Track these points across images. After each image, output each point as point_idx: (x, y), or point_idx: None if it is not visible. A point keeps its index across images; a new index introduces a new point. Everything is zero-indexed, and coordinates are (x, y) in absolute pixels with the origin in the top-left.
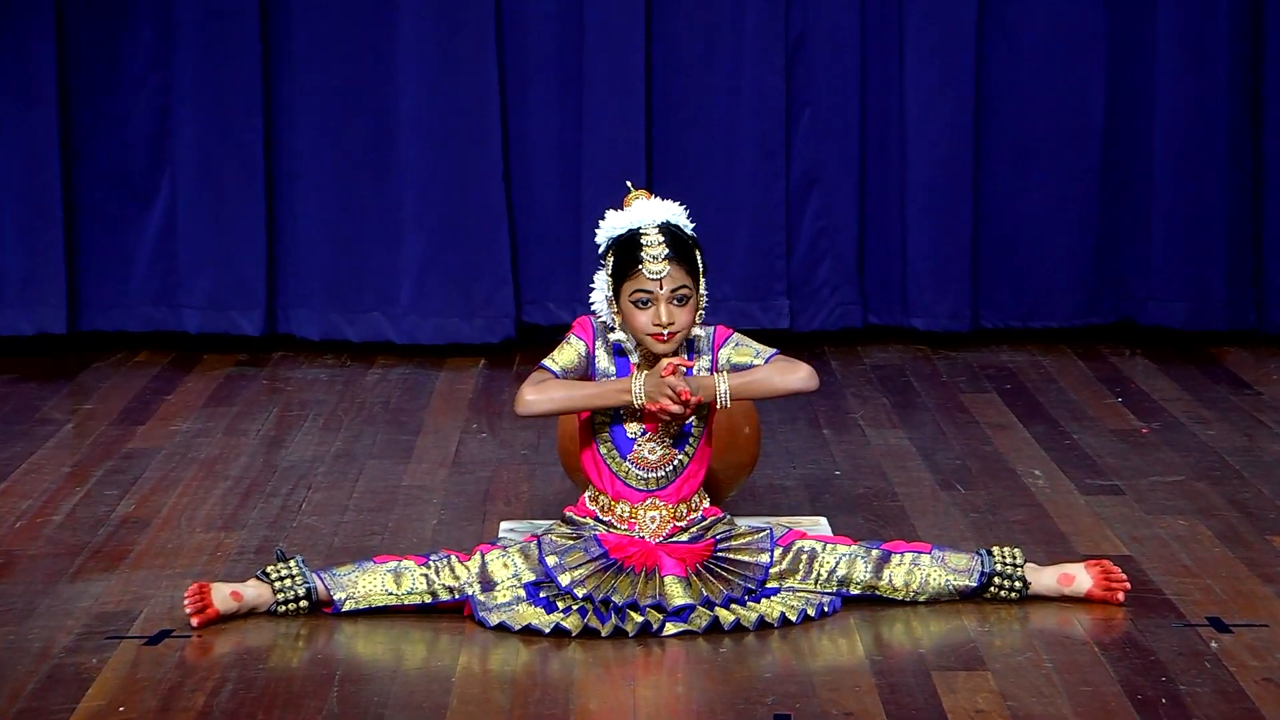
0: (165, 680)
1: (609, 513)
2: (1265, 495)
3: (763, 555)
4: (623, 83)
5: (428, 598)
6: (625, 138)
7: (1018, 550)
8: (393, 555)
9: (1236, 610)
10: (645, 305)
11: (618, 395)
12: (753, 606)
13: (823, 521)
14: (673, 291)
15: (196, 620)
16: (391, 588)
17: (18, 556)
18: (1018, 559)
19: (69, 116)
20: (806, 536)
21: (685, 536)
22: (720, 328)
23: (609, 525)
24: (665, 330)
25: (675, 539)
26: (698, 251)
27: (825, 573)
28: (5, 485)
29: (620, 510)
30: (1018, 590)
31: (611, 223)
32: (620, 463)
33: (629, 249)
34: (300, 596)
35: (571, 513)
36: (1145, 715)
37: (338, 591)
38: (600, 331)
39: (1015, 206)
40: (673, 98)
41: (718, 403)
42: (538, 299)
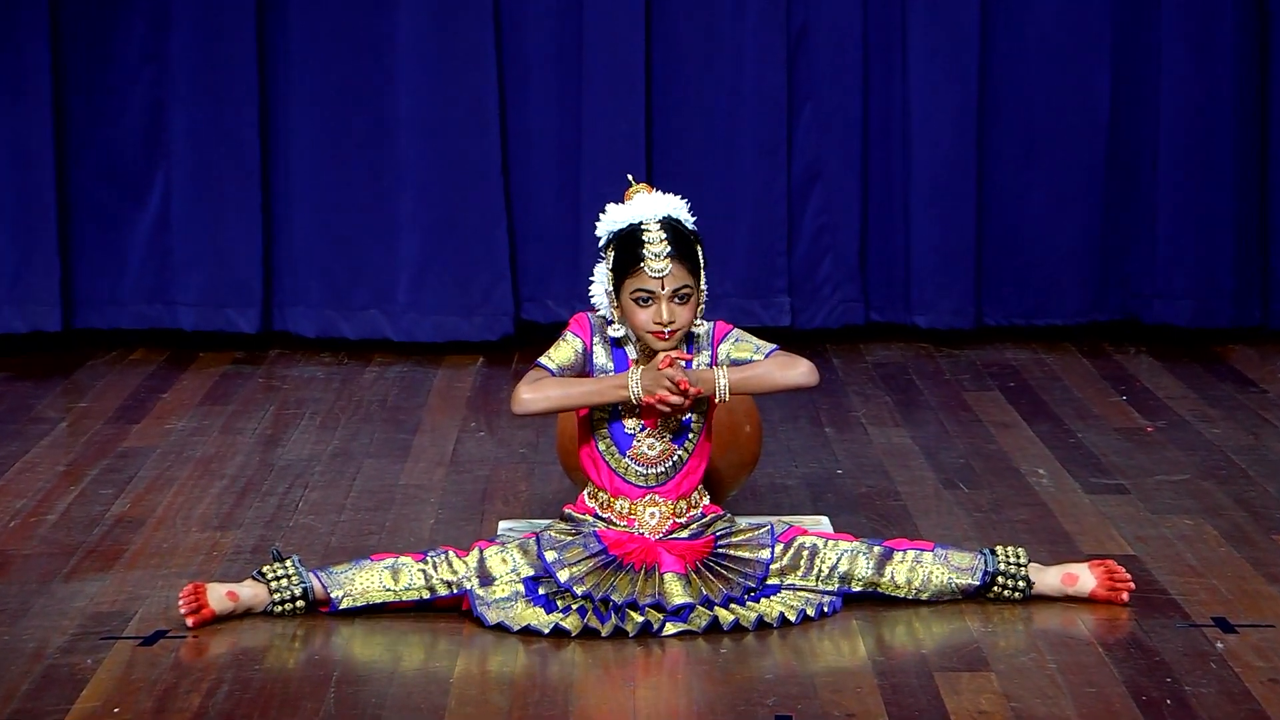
0: (160, 681)
1: (608, 509)
2: (1271, 494)
3: (763, 551)
4: (622, 78)
5: (425, 593)
6: (625, 134)
7: (1021, 550)
8: (390, 553)
9: (1242, 610)
10: (646, 304)
11: (615, 391)
12: (752, 606)
13: (824, 521)
14: (674, 291)
15: (192, 621)
16: (389, 584)
17: (12, 556)
18: (1021, 558)
19: (62, 111)
20: (807, 533)
21: (685, 533)
22: (720, 323)
23: (608, 522)
24: (666, 329)
25: (675, 535)
26: (699, 247)
27: (827, 569)
28: None
29: (619, 507)
30: (1021, 590)
31: (612, 216)
32: (619, 459)
33: (630, 245)
34: (296, 597)
35: (571, 510)
36: (1150, 716)
37: (335, 590)
38: (598, 328)
39: (1019, 203)
40: (673, 93)
41: (716, 396)
42: (537, 296)
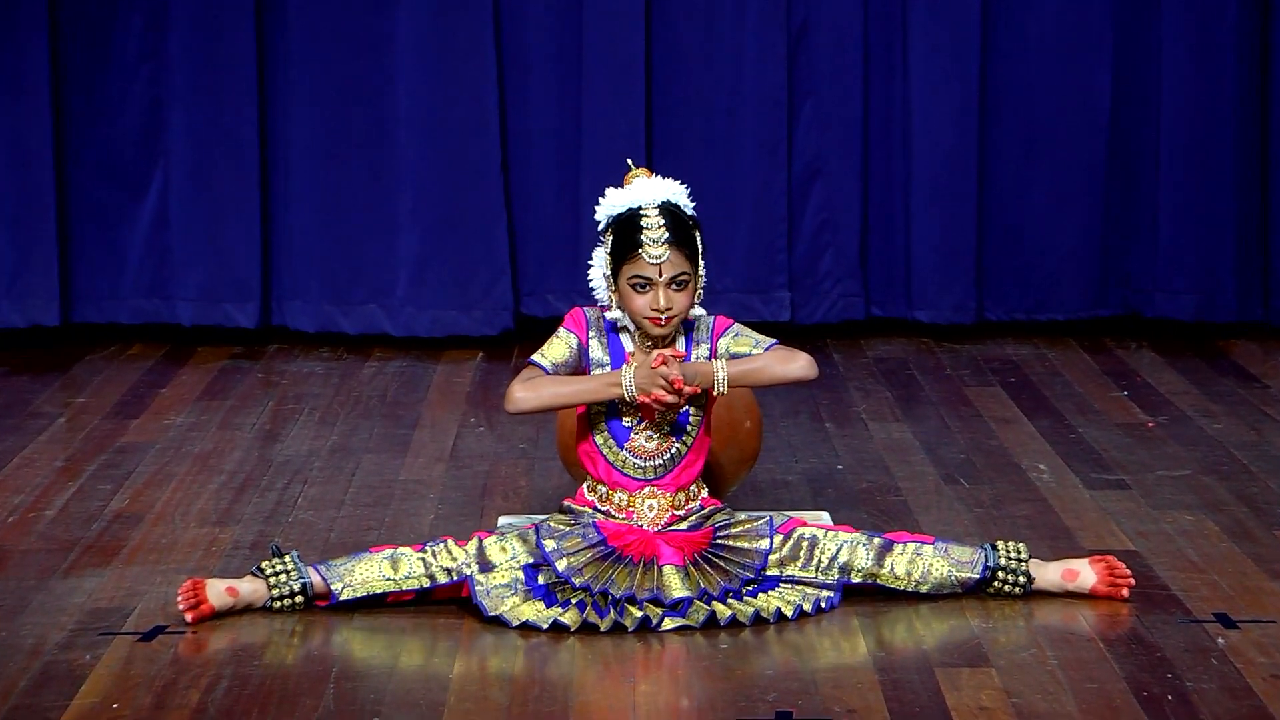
0: (159, 677)
1: (607, 502)
2: (1273, 490)
3: (762, 542)
4: (622, 74)
5: (425, 581)
6: (625, 129)
7: (1022, 545)
8: (389, 545)
9: (1244, 606)
10: (643, 290)
11: (608, 389)
12: (749, 601)
13: (825, 516)
14: (672, 278)
15: (191, 616)
16: (389, 573)
17: (10, 552)
18: (1022, 554)
19: (61, 108)
20: (807, 524)
21: (684, 525)
22: (720, 318)
23: (607, 514)
24: (663, 315)
25: (674, 528)
26: (697, 233)
27: (826, 559)
28: None
29: (618, 499)
30: (1021, 585)
31: (611, 200)
32: (617, 452)
33: (628, 231)
34: (295, 592)
35: (570, 503)
36: (1151, 712)
37: (335, 582)
38: (593, 323)
39: (1020, 198)
40: (673, 89)
41: (715, 389)
42: (536, 291)
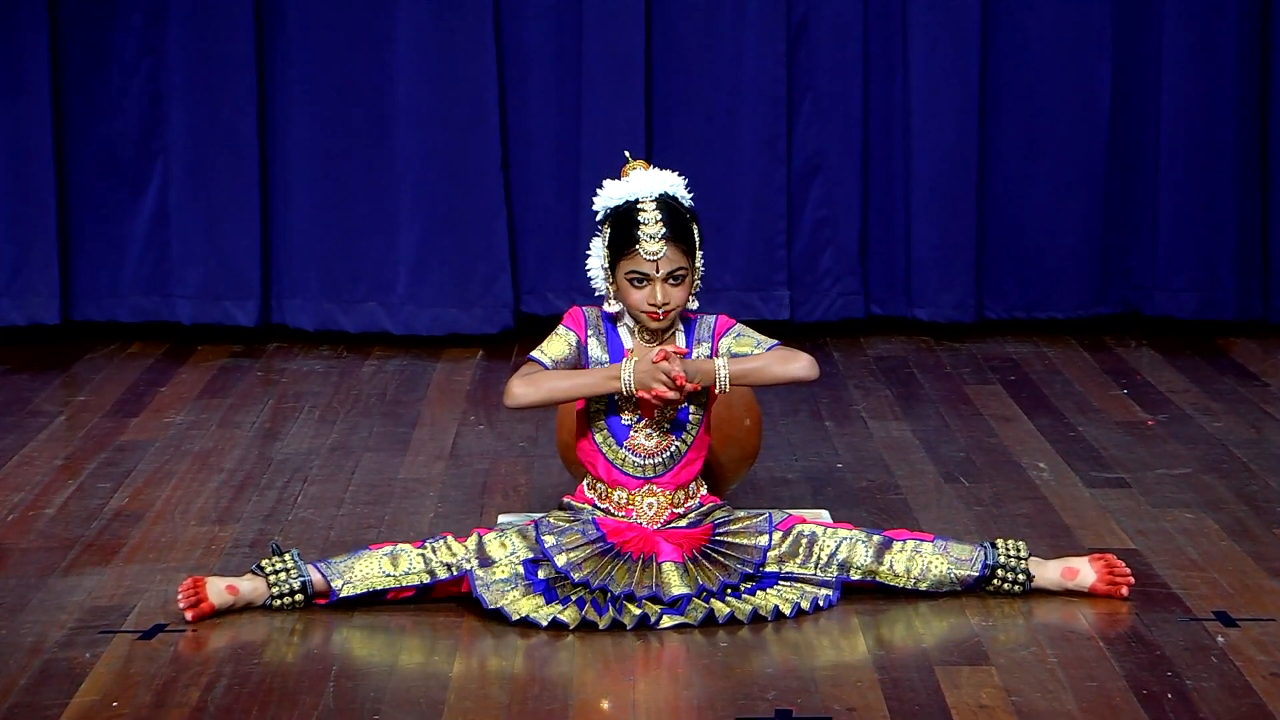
0: (159, 675)
1: (606, 499)
2: (1273, 488)
3: (761, 538)
4: (622, 70)
5: (426, 577)
6: (624, 125)
7: (1022, 543)
8: (388, 542)
9: (1243, 605)
10: (640, 285)
11: (608, 383)
12: (747, 599)
13: (824, 514)
14: (669, 273)
15: (191, 615)
16: (389, 569)
17: (9, 550)
18: (1021, 552)
19: (60, 104)
20: (807, 521)
21: (683, 523)
22: (722, 317)
23: (607, 512)
24: (660, 310)
25: (673, 525)
26: (695, 225)
27: (825, 556)
28: None
29: (617, 497)
30: (1021, 583)
31: (609, 192)
32: (616, 450)
33: (625, 226)
34: (295, 590)
35: (570, 500)
36: (1151, 710)
37: (335, 579)
38: (592, 322)
39: (1021, 196)
40: (672, 85)
41: (717, 386)
42: (536, 289)
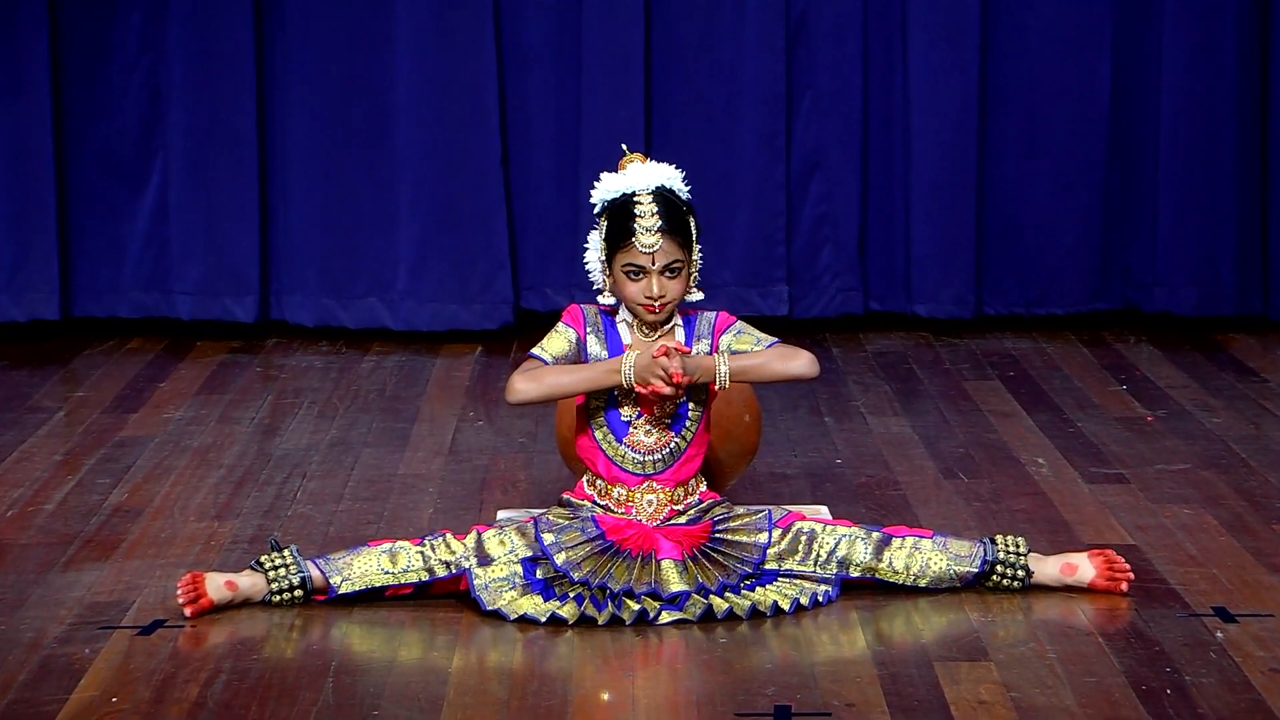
0: (158, 671)
1: (606, 496)
2: (1272, 484)
3: (760, 536)
4: (621, 66)
5: (424, 575)
6: (624, 123)
7: (1021, 539)
8: (387, 539)
9: (1242, 600)
10: (636, 277)
11: (608, 376)
12: (746, 594)
13: (824, 510)
14: (665, 266)
15: (190, 610)
16: (388, 566)
17: (9, 546)
18: (1021, 548)
19: (60, 101)
20: (806, 518)
21: (683, 519)
22: (723, 314)
23: (606, 509)
24: (656, 303)
25: (672, 522)
26: (691, 218)
27: (825, 553)
28: None
29: (617, 494)
30: (1020, 579)
31: (606, 185)
32: (616, 446)
33: (622, 219)
34: (294, 586)
35: (569, 496)
36: (1150, 706)
37: (333, 576)
38: (591, 319)
39: (1020, 192)
40: (672, 81)
41: (717, 383)
42: (536, 285)
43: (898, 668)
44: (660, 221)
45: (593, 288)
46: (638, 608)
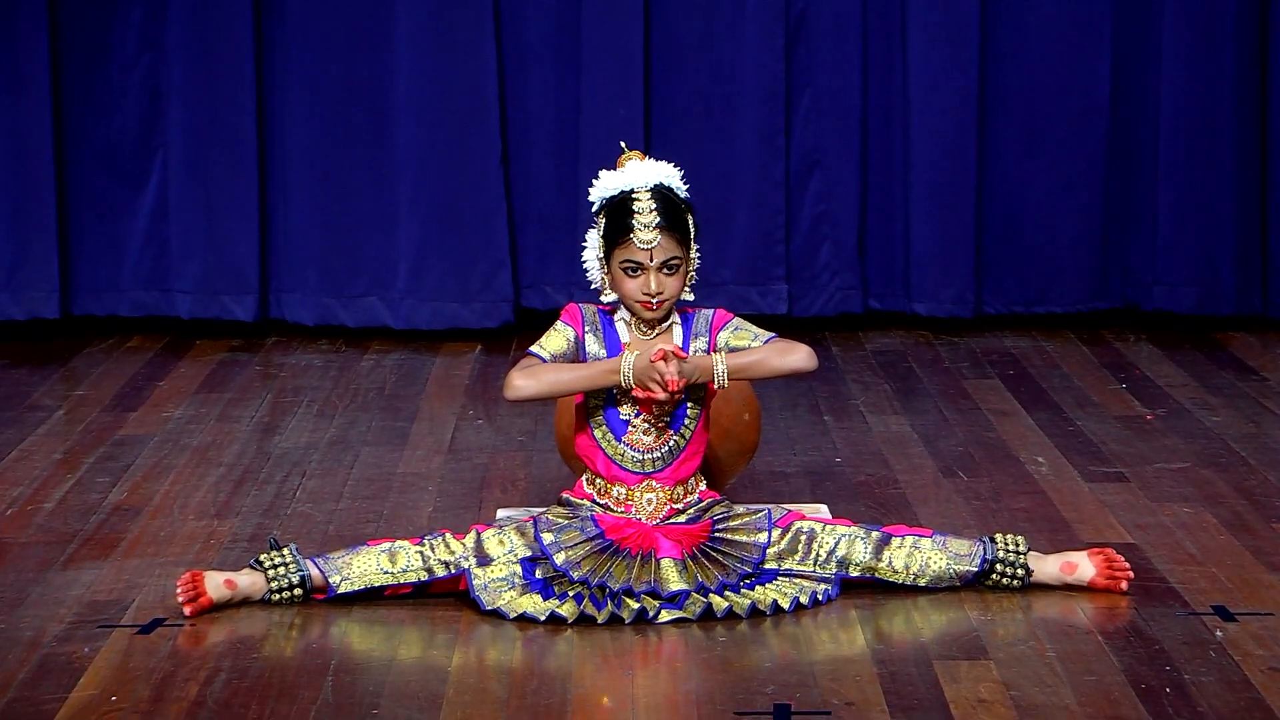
0: (158, 669)
1: (605, 495)
2: (1271, 482)
3: (760, 535)
4: (621, 65)
5: (424, 574)
6: (623, 121)
7: (1020, 538)
8: (386, 538)
9: (1242, 599)
10: (634, 274)
11: (607, 376)
12: (746, 593)
13: (823, 509)
14: (663, 262)
15: (189, 609)
16: (387, 566)
17: (8, 545)
18: (1020, 546)
19: (60, 100)
20: (805, 518)
21: (682, 518)
22: (720, 311)
23: (605, 508)
24: (654, 300)
25: (672, 521)
26: (690, 216)
27: (824, 553)
28: None
29: (616, 493)
30: (1020, 578)
31: (604, 183)
32: (615, 445)
33: (620, 215)
34: (294, 585)
35: (569, 495)
36: (1149, 705)
37: (333, 575)
38: (589, 318)
39: (1020, 190)
40: (671, 80)
41: (715, 382)
42: (536, 284)
43: (897, 666)
44: (659, 218)
45: (592, 288)
46: (637, 606)
